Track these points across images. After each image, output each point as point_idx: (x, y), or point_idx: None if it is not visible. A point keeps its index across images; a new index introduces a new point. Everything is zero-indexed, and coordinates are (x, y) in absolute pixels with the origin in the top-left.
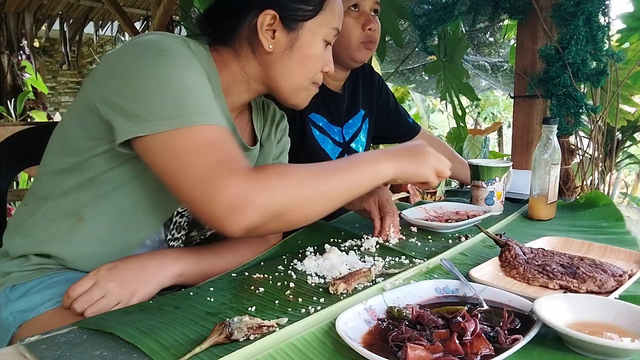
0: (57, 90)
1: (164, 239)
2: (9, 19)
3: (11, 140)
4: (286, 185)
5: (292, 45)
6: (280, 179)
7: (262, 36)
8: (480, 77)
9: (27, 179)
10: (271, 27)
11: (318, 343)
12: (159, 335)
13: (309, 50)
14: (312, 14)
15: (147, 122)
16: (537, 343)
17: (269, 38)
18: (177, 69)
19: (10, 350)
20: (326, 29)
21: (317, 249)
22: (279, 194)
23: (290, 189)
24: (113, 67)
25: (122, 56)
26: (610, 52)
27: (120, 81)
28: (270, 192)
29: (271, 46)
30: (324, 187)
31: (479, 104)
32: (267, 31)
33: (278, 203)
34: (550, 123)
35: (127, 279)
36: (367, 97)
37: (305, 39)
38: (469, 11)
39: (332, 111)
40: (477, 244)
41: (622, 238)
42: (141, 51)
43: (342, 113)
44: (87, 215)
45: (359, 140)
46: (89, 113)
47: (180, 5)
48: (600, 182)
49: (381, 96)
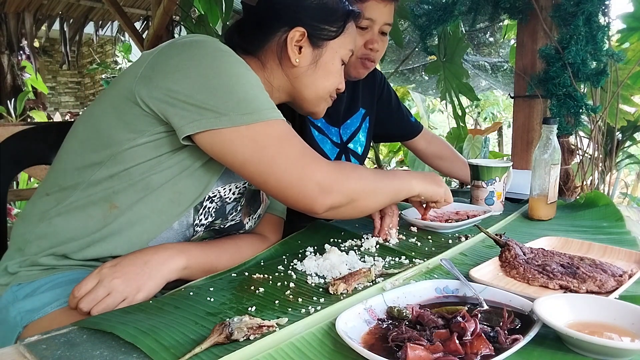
0: (57, 90)
1: (192, 222)
2: (9, 19)
3: (11, 140)
4: (359, 176)
5: (316, 61)
6: (354, 171)
7: (290, 50)
8: (480, 77)
9: (27, 179)
10: (299, 43)
11: (318, 343)
12: (159, 335)
13: (330, 66)
14: (335, 35)
15: (223, 116)
16: (537, 343)
17: (296, 53)
18: (240, 68)
19: (10, 350)
20: (344, 50)
21: (317, 249)
22: (355, 182)
23: (361, 179)
24: (165, 63)
25: (177, 54)
26: (610, 52)
27: (182, 77)
28: (349, 179)
29: (297, 60)
30: (382, 186)
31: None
32: (295, 47)
33: (354, 189)
34: (550, 123)
35: (131, 274)
36: (368, 96)
37: (328, 56)
38: (469, 11)
39: (330, 111)
40: (477, 244)
41: (622, 238)
42: (199, 50)
43: (340, 113)
44: (119, 202)
45: (358, 140)
46: (129, 106)
47: (180, 5)
48: (600, 182)
49: (382, 94)
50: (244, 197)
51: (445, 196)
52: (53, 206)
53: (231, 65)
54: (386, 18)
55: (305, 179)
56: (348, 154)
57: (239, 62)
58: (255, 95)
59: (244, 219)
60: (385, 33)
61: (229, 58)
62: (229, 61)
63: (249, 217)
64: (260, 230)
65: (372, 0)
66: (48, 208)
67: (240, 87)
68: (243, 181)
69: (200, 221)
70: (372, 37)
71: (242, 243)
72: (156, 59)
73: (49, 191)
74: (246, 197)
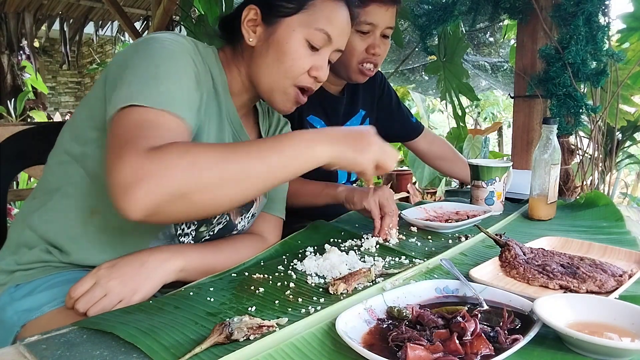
0: (57, 90)
1: (174, 233)
2: (9, 19)
3: (11, 140)
4: (188, 164)
5: (268, 39)
6: (181, 157)
7: (244, 29)
8: (480, 77)
9: (27, 179)
10: (255, 22)
11: (318, 343)
12: (159, 335)
13: (284, 46)
14: (292, 11)
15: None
16: (537, 343)
17: (250, 32)
18: (164, 59)
19: (10, 350)
20: (309, 29)
21: (317, 249)
22: (178, 173)
23: (193, 167)
24: (119, 59)
25: (127, 49)
26: (610, 52)
27: (118, 70)
28: (168, 170)
29: (251, 39)
30: (239, 168)
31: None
32: (250, 26)
33: (177, 182)
34: (550, 123)
35: (127, 276)
36: (368, 97)
37: (281, 34)
38: (469, 11)
39: (330, 113)
40: (477, 244)
41: (622, 238)
42: (141, 44)
43: (340, 116)
44: (102, 208)
45: None
46: (97, 103)
47: (180, 5)
48: (600, 182)
49: (383, 94)
50: None
51: (369, 165)
52: (35, 210)
53: (153, 58)
54: (388, 22)
55: (111, 176)
56: None
57: (168, 54)
58: (160, 84)
59: (234, 219)
60: (387, 36)
61: (160, 51)
62: (155, 54)
63: (241, 216)
64: (259, 231)
65: (373, 5)
66: (32, 211)
67: (151, 75)
68: None
69: (183, 230)
70: (373, 42)
71: (239, 244)
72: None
73: (36, 194)
74: None
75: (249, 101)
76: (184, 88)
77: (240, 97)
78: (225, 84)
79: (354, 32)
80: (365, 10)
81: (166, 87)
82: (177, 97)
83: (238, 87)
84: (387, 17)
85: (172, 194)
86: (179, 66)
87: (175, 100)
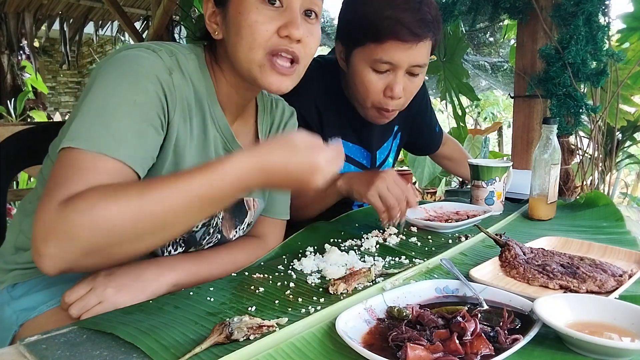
0: (57, 90)
1: (159, 253)
2: (9, 19)
3: (11, 140)
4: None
5: (226, 22)
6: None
7: (208, 27)
8: (480, 77)
9: (27, 179)
10: (214, 14)
11: (318, 343)
12: (159, 335)
13: (238, 17)
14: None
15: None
16: (537, 343)
17: (213, 26)
18: (119, 92)
19: (10, 350)
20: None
21: (317, 249)
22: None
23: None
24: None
25: (96, 73)
26: (610, 52)
27: (86, 92)
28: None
29: (216, 32)
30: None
31: (479, 104)
32: (213, 21)
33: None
34: (550, 123)
35: (124, 286)
36: (405, 110)
37: (233, 8)
38: (469, 11)
39: (363, 137)
40: (477, 244)
41: (622, 238)
42: (108, 66)
43: (374, 136)
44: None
45: (388, 164)
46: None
47: (180, 5)
48: (600, 182)
49: (420, 110)
50: (214, 218)
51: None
52: (29, 214)
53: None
54: (413, 59)
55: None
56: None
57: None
58: (108, 125)
59: (228, 234)
60: (415, 74)
61: (120, 82)
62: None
63: (235, 229)
64: (260, 233)
65: (390, 41)
66: (26, 215)
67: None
68: None
69: (170, 253)
70: (392, 83)
71: (237, 252)
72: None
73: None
74: (228, 210)
75: (241, 100)
76: (133, 126)
77: (230, 98)
78: (211, 90)
79: (369, 69)
80: (381, 47)
81: (111, 128)
82: (121, 138)
83: (225, 87)
84: (413, 55)
85: (84, 250)
86: (135, 98)
87: (119, 142)
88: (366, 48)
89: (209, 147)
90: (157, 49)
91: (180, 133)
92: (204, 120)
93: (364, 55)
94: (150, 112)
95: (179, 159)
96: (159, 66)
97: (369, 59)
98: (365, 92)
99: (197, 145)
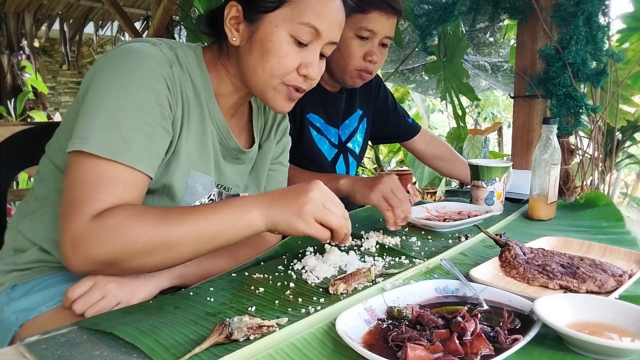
0: (57, 90)
1: None
2: (9, 19)
3: (11, 140)
4: (120, 237)
5: (251, 37)
6: (116, 230)
7: (226, 28)
8: (480, 77)
9: (27, 179)
10: (237, 20)
11: (318, 343)
12: (159, 335)
13: (267, 43)
14: (273, 6)
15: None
16: (537, 343)
17: (233, 30)
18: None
19: (10, 350)
20: (292, 24)
21: (317, 249)
22: (108, 247)
23: (125, 240)
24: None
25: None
26: (610, 52)
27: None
28: (99, 243)
29: (235, 38)
30: (168, 235)
31: (479, 104)
32: (233, 24)
33: (107, 253)
34: (550, 123)
35: (126, 279)
36: (365, 97)
37: (264, 31)
38: (469, 11)
39: (330, 112)
40: (477, 244)
41: (622, 238)
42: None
43: (340, 114)
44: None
45: (355, 140)
46: (75, 118)
47: (180, 5)
48: (600, 182)
49: (379, 95)
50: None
51: (306, 227)
52: (27, 215)
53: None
54: (387, 31)
55: (62, 231)
56: (347, 154)
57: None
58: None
59: None
60: (386, 45)
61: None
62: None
63: None
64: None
65: (374, 12)
66: (24, 216)
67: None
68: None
69: None
70: (371, 49)
71: (239, 247)
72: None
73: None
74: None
75: (240, 100)
76: (144, 129)
77: (229, 97)
78: (209, 87)
79: (353, 36)
80: (366, 17)
81: (124, 134)
82: (134, 144)
83: (227, 87)
84: (388, 26)
85: (103, 262)
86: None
87: (133, 149)
88: (352, 18)
89: (206, 139)
90: (157, 42)
91: (180, 125)
92: (201, 114)
93: (349, 25)
94: (159, 112)
95: (178, 149)
96: (161, 60)
97: (355, 27)
98: (349, 56)
99: (195, 137)
